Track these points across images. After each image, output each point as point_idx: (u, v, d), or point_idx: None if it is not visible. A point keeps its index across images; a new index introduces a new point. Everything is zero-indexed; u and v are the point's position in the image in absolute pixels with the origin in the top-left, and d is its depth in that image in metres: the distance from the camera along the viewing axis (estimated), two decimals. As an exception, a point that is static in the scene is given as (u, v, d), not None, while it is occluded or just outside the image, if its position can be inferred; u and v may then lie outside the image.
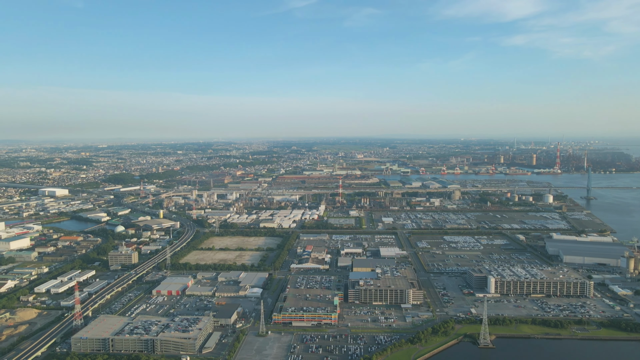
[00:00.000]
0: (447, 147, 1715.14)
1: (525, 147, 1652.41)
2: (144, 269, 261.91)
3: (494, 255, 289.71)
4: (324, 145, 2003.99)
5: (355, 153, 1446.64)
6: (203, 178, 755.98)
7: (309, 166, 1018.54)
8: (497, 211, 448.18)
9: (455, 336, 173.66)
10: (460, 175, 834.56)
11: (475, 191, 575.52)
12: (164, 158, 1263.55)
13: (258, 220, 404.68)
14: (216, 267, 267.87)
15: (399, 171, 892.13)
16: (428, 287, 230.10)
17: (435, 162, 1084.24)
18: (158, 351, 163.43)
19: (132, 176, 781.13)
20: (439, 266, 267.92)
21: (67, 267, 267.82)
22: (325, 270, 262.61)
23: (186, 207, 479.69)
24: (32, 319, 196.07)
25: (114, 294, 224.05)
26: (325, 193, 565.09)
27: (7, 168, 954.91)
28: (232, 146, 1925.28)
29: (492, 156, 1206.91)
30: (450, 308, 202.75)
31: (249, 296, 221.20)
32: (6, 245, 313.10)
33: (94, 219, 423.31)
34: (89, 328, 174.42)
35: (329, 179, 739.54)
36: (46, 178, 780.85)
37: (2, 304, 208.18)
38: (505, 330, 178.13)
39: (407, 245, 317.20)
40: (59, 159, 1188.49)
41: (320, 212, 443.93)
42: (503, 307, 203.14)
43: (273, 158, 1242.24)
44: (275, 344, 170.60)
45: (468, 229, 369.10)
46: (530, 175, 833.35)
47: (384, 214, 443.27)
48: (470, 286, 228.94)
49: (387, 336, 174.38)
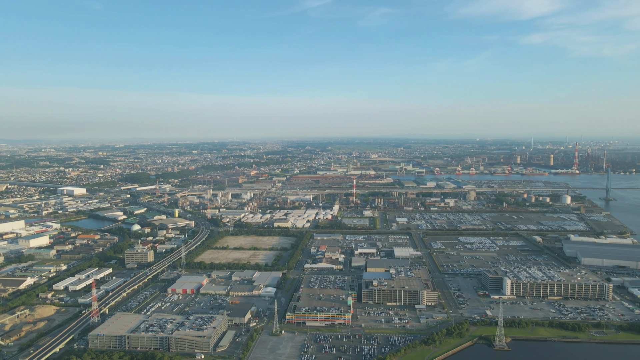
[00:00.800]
0: (462, 147, 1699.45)
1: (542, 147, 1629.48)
2: (160, 267, 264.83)
3: (510, 256, 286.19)
4: (338, 145, 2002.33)
5: (370, 153, 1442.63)
6: (218, 177, 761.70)
7: (323, 166, 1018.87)
8: (513, 212, 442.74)
9: (470, 338, 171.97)
10: (475, 176, 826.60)
11: (491, 192, 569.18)
12: (179, 158, 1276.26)
13: (272, 220, 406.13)
14: (230, 266, 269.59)
15: (413, 171, 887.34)
16: (442, 288, 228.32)
17: (450, 162, 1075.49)
18: (173, 349, 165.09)
19: (148, 175, 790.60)
20: (454, 267, 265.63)
21: (85, 265, 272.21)
22: (339, 270, 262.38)
23: (201, 207, 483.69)
24: (50, 315, 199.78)
25: (130, 292, 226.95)
26: (339, 193, 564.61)
27: (27, 167, 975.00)
28: (247, 146, 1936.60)
29: (509, 156, 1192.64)
30: (465, 309, 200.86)
31: (263, 295, 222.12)
32: (26, 243, 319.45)
33: (110, 217, 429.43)
34: (105, 325, 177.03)
35: (343, 179, 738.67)
36: (65, 177, 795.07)
37: (21, 301, 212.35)
38: (521, 333, 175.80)
39: (422, 246, 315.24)
40: (77, 158, 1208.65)
41: (334, 212, 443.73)
42: (519, 309, 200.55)
43: (287, 158, 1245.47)
44: (288, 343, 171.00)
45: (483, 229, 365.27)
46: (547, 175, 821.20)
47: (398, 214, 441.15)
48: (485, 288, 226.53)
49: (400, 337, 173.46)
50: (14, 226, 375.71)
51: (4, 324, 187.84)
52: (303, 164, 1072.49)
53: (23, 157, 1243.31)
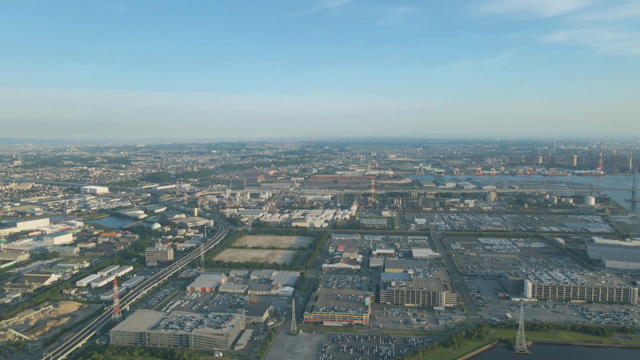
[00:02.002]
0: (483, 147, 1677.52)
1: (565, 147, 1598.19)
2: (179, 265, 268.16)
3: (531, 258, 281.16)
4: (356, 145, 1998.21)
5: (388, 153, 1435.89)
6: (236, 177, 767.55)
7: (341, 166, 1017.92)
8: (534, 213, 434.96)
9: (490, 341, 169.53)
10: (496, 176, 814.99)
11: (511, 192, 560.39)
12: (199, 157, 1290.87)
13: (290, 220, 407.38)
14: (248, 266, 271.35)
15: (432, 171, 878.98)
16: (462, 289, 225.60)
17: (470, 163, 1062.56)
18: (192, 346, 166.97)
19: (168, 175, 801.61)
20: (473, 269, 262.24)
21: (107, 262, 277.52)
22: (356, 270, 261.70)
23: (220, 206, 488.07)
24: (73, 311, 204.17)
25: (150, 290, 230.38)
26: (358, 193, 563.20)
27: (52, 166, 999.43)
28: (265, 146, 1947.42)
29: (530, 157, 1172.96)
30: (484, 312, 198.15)
31: (281, 295, 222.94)
32: (51, 240, 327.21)
33: (132, 216, 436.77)
34: (126, 322, 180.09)
35: (361, 179, 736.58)
36: (88, 176, 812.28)
37: (46, 297, 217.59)
38: (543, 336, 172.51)
39: (440, 247, 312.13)
40: (100, 157, 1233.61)
41: (352, 212, 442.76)
42: (540, 312, 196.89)
43: (305, 158, 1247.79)
44: (306, 343, 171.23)
45: (504, 231, 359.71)
46: (570, 176, 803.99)
47: (416, 214, 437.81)
48: (505, 290, 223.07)
49: (419, 338, 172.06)
50: (39, 224, 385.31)
51: (29, 319, 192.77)
52: (321, 164, 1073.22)
53: (48, 157, 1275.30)
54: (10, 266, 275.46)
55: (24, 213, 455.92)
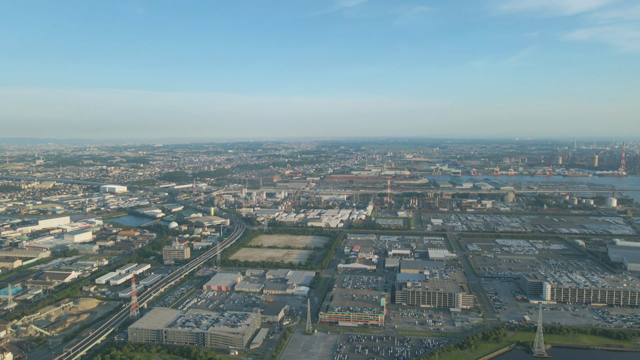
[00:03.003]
0: (501, 148, 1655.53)
1: (586, 147, 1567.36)
2: (196, 264, 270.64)
3: (551, 260, 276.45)
4: (372, 145, 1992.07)
5: (404, 153, 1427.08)
6: (253, 177, 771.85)
7: (357, 166, 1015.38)
8: (554, 214, 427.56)
9: (508, 343, 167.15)
10: (514, 177, 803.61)
11: (530, 193, 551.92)
12: (216, 157, 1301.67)
13: (306, 219, 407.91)
14: (264, 265, 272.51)
15: (449, 172, 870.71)
16: (479, 291, 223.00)
17: (487, 163, 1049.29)
18: (208, 344, 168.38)
19: (186, 174, 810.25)
20: (491, 270, 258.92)
21: (125, 260, 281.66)
22: (372, 270, 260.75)
23: (236, 205, 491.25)
24: (93, 308, 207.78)
25: (167, 288, 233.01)
26: (373, 193, 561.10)
27: (73, 166, 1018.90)
28: (281, 145, 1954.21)
29: (550, 157, 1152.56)
30: (502, 314, 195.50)
31: (296, 294, 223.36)
32: (71, 238, 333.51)
33: (149, 215, 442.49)
34: (144, 319, 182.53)
35: (377, 179, 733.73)
36: (107, 175, 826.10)
37: (66, 294, 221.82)
38: (562, 340, 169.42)
39: (457, 248, 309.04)
40: (119, 157, 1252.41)
41: (367, 212, 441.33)
42: (560, 315, 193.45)
43: (321, 157, 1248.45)
44: (321, 342, 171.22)
45: (522, 232, 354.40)
46: (591, 177, 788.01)
47: (433, 215, 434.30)
48: (524, 292, 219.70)
49: (435, 340, 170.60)
50: (60, 222, 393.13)
51: (50, 315, 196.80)
52: (337, 164, 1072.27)
53: (69, 156, 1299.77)
54: (32, 263, 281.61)
55: (46, 211, 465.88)
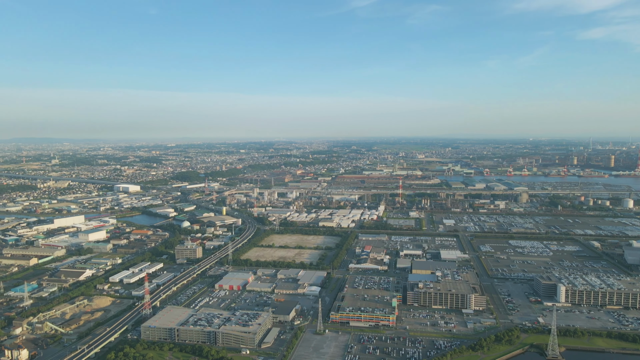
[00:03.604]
0: (514, 148, 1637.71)
1: (602, 147, 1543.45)
2: (208, 263, 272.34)
3: (565, 262, 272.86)
4: (384, 145, 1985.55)
5: (416, 153, 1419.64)
6: (264, 176, 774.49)
7: (368, 166, 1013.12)
8: (569, 216, 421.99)
9: (521, 345, 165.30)
10: (528, 177, 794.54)
11: (544, 194, 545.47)
12: (228, 157, 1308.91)
13: (317, 219, 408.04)
14: (276, 264, 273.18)
15: (461, 172, 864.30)
16: (491, 292, 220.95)
17: (500, 163, 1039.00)
18: (220, 343, 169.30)
19: (198, 174, 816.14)
20: (504, 271, 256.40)
21: (138, 259, 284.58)
22: (383, 271, 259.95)
23: (248, 205, 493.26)
24: (106, 306, 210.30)
25: (179, 286, 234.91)
26: (385, 193, 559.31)
27: (87, 165, 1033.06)
28: (293, 145, 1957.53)
29: (564, 157, 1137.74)
30: (515, 316, 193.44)
31: (307, 294, 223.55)
32: (85, 236, 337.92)
33: (162, 214, 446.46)
34: (156, 317, 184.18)
35: (389, 179, 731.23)
36: (121, 175, 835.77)
37: (81, 291, 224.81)
38: (576, 343, 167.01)
39: (470, 249, 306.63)
40: (132, 157, 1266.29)
41: (379, 213, 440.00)
42: (574, 317, 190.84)
43: (333, 157, 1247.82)
44: (332, 342, 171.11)
45: (536, 233, 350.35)
46: (607, 178, 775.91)
47: (445, 215, 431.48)
48: (537, 294, 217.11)
49: (446, 341, 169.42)
50: (75, 221, 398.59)
51: (65, 313, 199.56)
52: (349, 164, 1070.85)
53: (84, 156, 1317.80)
54: (47, 261, 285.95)
55: (61, 210, 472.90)
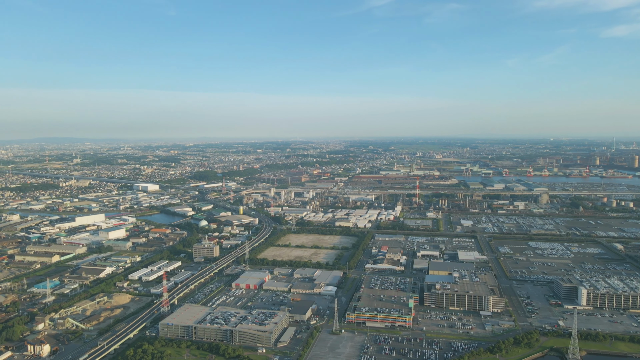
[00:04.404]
0: (534, 148, 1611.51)
1: (625, 147, 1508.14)
2: (225, 262, 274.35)
3: (586, 264, 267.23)
4: (401, 145, 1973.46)
5: (434, 153, 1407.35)
6: (281, 176, 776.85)
7: (385, 166, 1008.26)
8: (590, 217, 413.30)
9: (540, 349, 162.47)
10: (548, 178, 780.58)
11: (565, 195, 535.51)
12: (245, 156, 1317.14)
13: (334, 219, 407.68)
14: (292, 264, 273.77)
15: (479, 172, 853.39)
16: (510, 294, 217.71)
17: (520, 164, 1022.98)
18: (236, 341, 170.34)
19: (215, 173, 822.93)
20: (523, 273, 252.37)
21: (157, 257, 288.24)
22: (400, 271, 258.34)
23: (264, 204, 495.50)
24: (126, 303, 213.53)
25: (197, 285, 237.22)
26: (402, 193, 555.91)
27: (108, 165, 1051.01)
28: (310, 145, 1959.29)
29: (586, 157, 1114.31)
30: (534, 318, 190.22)
31: (324, 294, 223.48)
32: (106, 235, 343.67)
33: (180, 213, 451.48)
34: (174, 315, 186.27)
35: (406, 180, 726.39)
36: (140, 174, 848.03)
37: (101, 289, 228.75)
38: (598, 347, 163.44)
39: (488, 250, 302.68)
40: (151, 156, 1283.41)
41: (396, 213, 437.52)
42: (596, 321, 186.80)
43: (349, 157, 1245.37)
44: (348, 342, 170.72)
45: (556, 235, 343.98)
46: (631, 178, 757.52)
47: (463, 216, 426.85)
48: (557, 296, 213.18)
49: (464, 343, 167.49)
50: (96, 219, 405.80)
51: (86, 310, 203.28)
52: (365, 164, 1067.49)
53: (104, 156, 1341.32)
54: (69, 258, 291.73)
55: (82, 208, 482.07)
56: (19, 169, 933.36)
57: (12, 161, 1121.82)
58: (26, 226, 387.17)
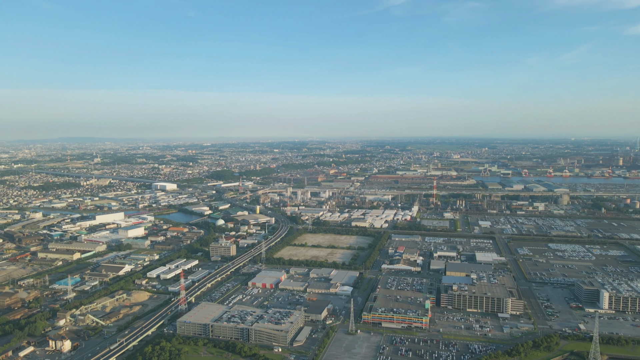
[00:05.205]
0: (555, 148, 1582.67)
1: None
2: (241, 261, 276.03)
3: (609, 267, 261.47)
4: (418, 144, 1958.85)
5: (451, 153, 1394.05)
6: (297, 176, 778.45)
7: (402, 166, 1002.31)
8: (613, 219, 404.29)
9: (560, 353, 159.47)
10: (569, 178, 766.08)
11: (587, 196, 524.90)
12: (262, 156, 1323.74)
13: (350, 219, 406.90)
14: (308, 264, 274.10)
15: (498, 173, 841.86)
16: (529, 297, 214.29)
17: (540, 164, 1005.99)
18: (252, 340, 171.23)
19: (232, 173, 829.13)
20: (542, 275, 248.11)
21: (174, 255, 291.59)
22: (416, 272, 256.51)
23: (281, 204, 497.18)
24: (144, 300, 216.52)
25: (214, 283, 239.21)
26: (419, 194, 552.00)
27: (127, 164, 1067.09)
28: (326, 145, 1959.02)
29: (609, 158, 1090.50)
30: (554, 322, 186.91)
31: (339, 294, 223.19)
32: (125, 233, 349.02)
33: (197, 212, 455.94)
34: (192, 313, 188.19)
35: (423, 180, 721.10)
36: (158, 173, 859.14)
37: (120, 286, 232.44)
38: (620, 351, 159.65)
39: (506, 251, 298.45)
40: (170, 156, 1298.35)
41: (412, 213, 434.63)
42: (618, 325, 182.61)
43: (366, 157, 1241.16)
44: (364, 343, 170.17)
45: (578, 237, 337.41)
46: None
47: (480, 217, 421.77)
48: (578, 300, 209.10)
49: (481, 345, 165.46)
50: (115, 217, 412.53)
51: (105, 306, 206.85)
52: (382, 164, 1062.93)
53: (124, 155, 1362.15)
54: (89, 256, 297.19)
55: (102, 207, 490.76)
56: (42, 168, 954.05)
57: (36, 160, 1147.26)
58: (48, 224, 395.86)
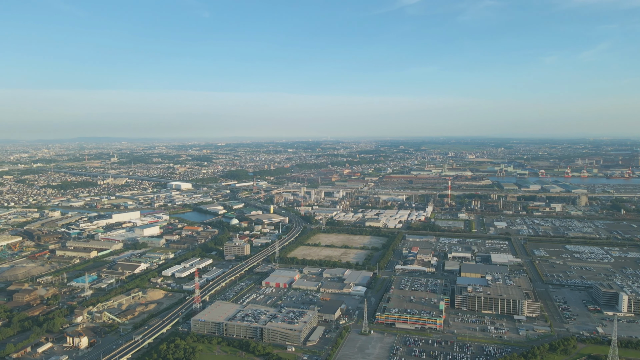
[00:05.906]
0: (573, 148, 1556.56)
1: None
2: (255, 260, 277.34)
3: (628, 269, 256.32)
4: (432, 144, 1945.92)
5: (466, 153, 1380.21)
6: (311, 176, 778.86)
7: (416, 166, 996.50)
8: (633, 220, 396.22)
9: (577, 356, 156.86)
10: (587, 179, 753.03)
11: (606, 197, 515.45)
12: (276, 156, 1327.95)
13: (364, 219, 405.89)
14: (321, 263, 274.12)
15: (514, 173, 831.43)
16: (546, 299, 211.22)
17: (557, 164, 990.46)
18: (266, 339, 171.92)
19: (246, 172, 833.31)
20: (559, 277, 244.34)
21: (189, 254, 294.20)
22: (431, 273, 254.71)
23: (295, 204, 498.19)
24: (159, 299, 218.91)
25: (228, 282, 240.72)
26: (433, 194, 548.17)
27: (143, 163, 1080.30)
28: (340, 145, 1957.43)
29: (629, 158, 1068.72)
30: (571, 324, 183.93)
31: (353, 294, 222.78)
32: (140, 232, 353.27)
33: (212, 211, 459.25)
34: (206, 312, 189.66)
35: (438, 180, 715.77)
36: (173, 173, 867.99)
37: (136, 284, 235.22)
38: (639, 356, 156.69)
39: (522, 253, 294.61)
40: (185, 155, 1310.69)
41: (427, 214, 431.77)
42: (637, 328, 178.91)
43: (380, 157, 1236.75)
44: (377, 343, 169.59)
45: (596, 238, 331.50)
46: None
47: (496, 218, 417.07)
48: (596, 302, 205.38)
49: (497, 348, 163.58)
50: (131, 216, 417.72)
51: (122, 304, 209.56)
52: (396, 164, 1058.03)
53: (140, 155, 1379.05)
54: (106, 254, 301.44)
55: (119, 206, 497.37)
56: (60, 167, 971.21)
57: (54, 160, 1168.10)
58: (66, 222, 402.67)
